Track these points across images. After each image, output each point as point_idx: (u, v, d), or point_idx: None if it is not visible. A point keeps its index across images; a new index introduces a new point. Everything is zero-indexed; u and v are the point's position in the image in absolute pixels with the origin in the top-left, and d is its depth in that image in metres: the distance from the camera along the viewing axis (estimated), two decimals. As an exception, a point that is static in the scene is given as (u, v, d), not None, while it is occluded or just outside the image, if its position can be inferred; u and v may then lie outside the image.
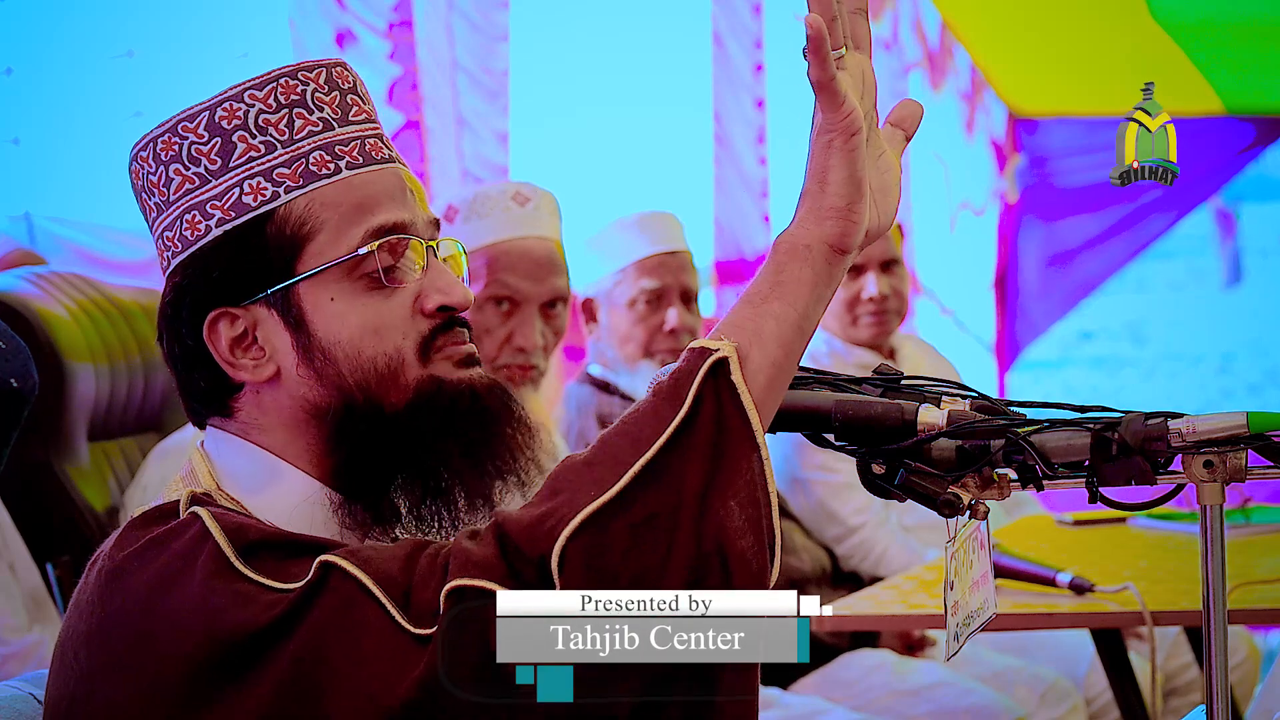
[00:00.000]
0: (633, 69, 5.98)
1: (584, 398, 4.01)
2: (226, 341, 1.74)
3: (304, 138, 1.75)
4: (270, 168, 1.73)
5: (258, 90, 1.75)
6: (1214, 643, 1.62)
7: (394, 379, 1.74)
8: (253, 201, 1.73)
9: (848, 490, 4.39)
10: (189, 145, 1.74)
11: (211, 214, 1.73)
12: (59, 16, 3.93)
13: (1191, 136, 8.21)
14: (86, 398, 3.38)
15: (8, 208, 3.83)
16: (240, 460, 1.75)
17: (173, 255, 1.76)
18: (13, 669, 3.06)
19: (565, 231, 3.63)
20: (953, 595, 1.75)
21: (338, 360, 1.73)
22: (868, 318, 4.56)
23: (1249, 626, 4.75)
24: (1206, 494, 1.63)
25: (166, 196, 1.75)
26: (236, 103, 1.75)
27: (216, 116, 1.75)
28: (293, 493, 1.74)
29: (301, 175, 1.74)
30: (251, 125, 1.74)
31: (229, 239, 1.73)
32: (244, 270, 1.73)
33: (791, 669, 3.88)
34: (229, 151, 1.74)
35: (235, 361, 1.74)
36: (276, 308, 1.73)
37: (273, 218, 1.73)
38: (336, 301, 1.74)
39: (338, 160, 1.75)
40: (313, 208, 1.74)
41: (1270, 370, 13.54)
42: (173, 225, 1.75)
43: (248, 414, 1.75)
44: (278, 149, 1.74)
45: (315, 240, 1.73)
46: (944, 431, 1.67)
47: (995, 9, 8.05)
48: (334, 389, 1.73)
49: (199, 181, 1.74)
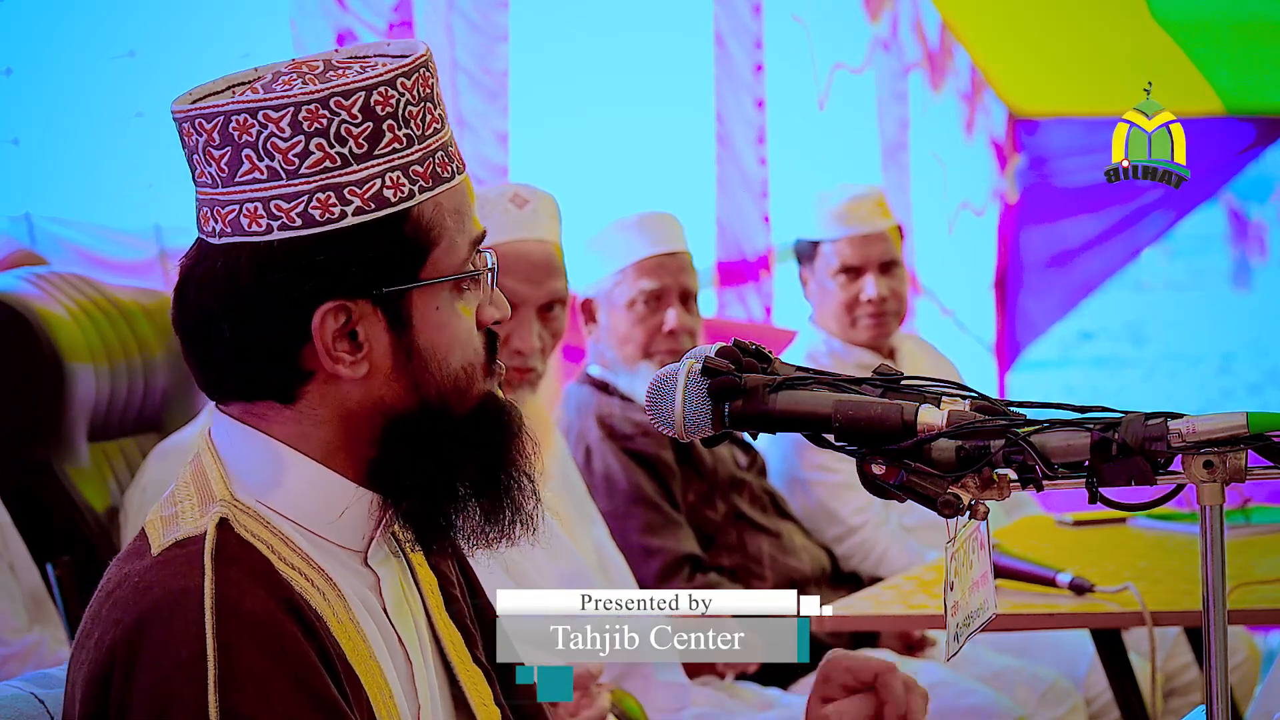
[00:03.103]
0: (633, 69, 5.98)
1: (583, 398, 4.01)
2: (332, 332, 1.70)
3: (431, 135, 1.73)
4: (408, 164, 1.70)
5: (406, 78, 1.70)
6: (1214, 643, 1.62)
7: (467, 389, 1.75)
8: (393, 197, 1.69)
9: (848, 490, 4.39)
10: (339, 122, 1.67)
11: (350, 200, 1.68)
12: (59, 16, 3.93)
13: (1191, 136, 8.19)
14: (86, 398, 3.38)
15: (8, 208, 3.83)
16: (249, 454, 1.74)
17: (280, 227, 1.68)
18: (13, 669, 3.06)
19: (565, 232, 3.63)
20: (953, 595, 1.75)
21: (430, 368, 1.73)
22: (866, 319, 4.56)
23: (1249, 626, 4.76)
24: (1206, 494, 1.62)
25: (296, 167, 1.67)
26: (390, 89, 1.69)
27: (372, 100, 1.68)
28: (309, 485, 1.73)
29: (430, 176, 1.72)
30: (400, 115, 1.70)
31: (364, 230, 1.68)
32: (372, 265, 1.69)
33: (791, 669, 3.88)
34: (377, 139, 1.68)
35: (335, 354, 1.70)
36: (385, 308, 1.71)
37: (408, 217, 1.70)
38: (440, 310, 1.73)
39: (452, 163, 1.74)
40: (438, 213, 1.72)
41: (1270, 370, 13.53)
42: (295, 198, 1.68)
43: (309, 402, 1.72)
44: (414, 144, 1.71)
45: (439, 247, 1.72)
46: (944, 432, 1.67)
47: (995, 9, 8.05)
48: (415, 392, 1.73)
49: (340, 162, 1.68)
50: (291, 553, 1.71)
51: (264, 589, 1.65)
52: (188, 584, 1.63)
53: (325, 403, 1.73)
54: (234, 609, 1.62)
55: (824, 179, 6.28)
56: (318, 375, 1.72)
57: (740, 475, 4.14)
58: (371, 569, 1.79)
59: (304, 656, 1.64)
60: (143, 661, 1.61)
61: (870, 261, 4.54)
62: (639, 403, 3.85)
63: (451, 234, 1.73)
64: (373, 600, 1.78)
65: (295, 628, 1.64)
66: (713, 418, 1.73)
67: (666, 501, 3.94)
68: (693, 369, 1.73)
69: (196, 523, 1.69)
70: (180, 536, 1.68)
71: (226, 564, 1.65)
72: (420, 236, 1.71)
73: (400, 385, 1.73)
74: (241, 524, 1.69)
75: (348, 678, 1.68)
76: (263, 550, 1.69)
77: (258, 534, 1.70)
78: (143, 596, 1.64)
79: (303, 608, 1.67)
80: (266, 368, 1.71)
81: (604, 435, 3.94)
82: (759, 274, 6.73)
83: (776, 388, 1.72)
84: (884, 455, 1.69)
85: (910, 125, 7.98)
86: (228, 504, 1.70)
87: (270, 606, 1.64)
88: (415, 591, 1.85)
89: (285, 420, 1.73)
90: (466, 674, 1.86)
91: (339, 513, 1.74)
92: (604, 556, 3.64)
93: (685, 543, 3.92)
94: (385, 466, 1.74)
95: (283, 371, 1.71)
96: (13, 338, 3.30)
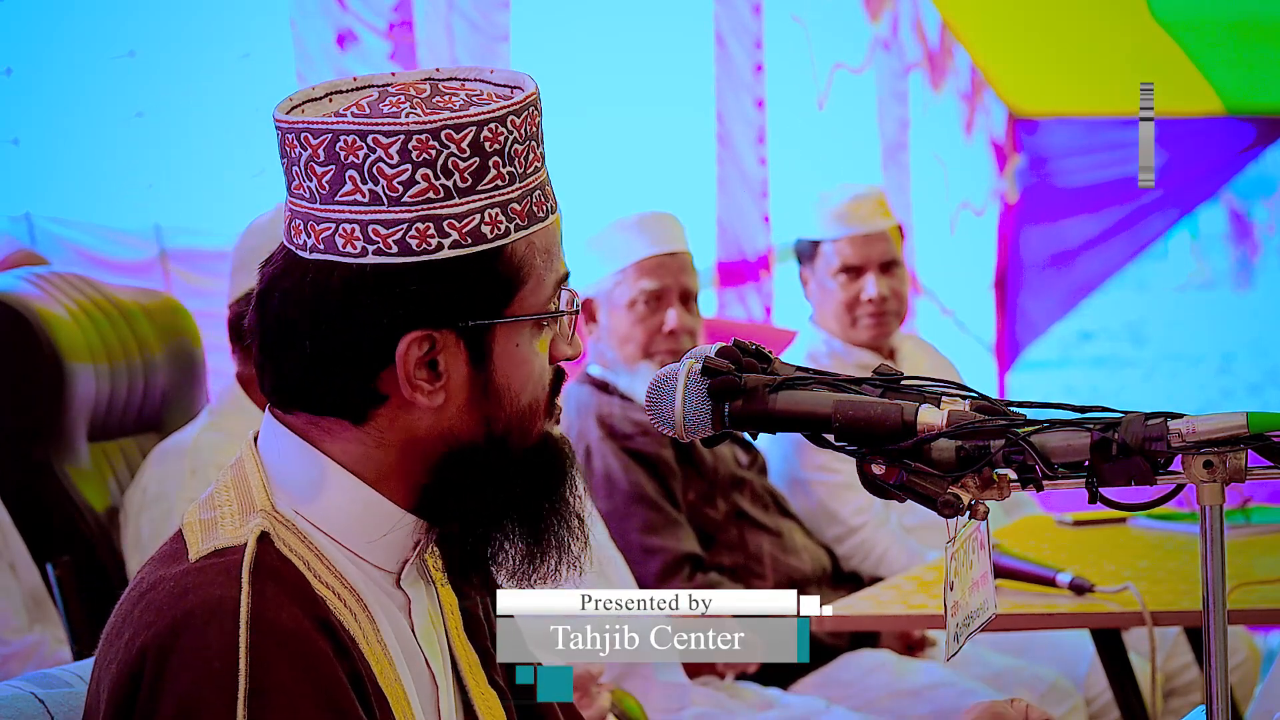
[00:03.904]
0: (633, 69, 5.98)
1: (584, 398, 4.01)
2: (415, 360, 1.70)
3: (531, 174, 1.72)
4: (507, 201, 1.70)
5: (516, 116, 1.70)
6: (1214, 643, 1.62)
7: (531, 425, 1.75)
8: (489, 234, 1.69)
9: (848, 490, 4.39)
10: (447, 156, 1.67)
11: (448, 233, 1.68)
12: (60, 17, 3.93)
13: (1191, 136, 8.21)
14: (86, 398, 3.39)
15: (8, 208, 3.83)
16: (296, 466, 1.73)
17: (375, 251, 1.67)
18: (13, 669, 3.06)
19: (565, 232, 3.62)
20: (953, 595, 1.75)
21: (502, 403, 1.73)
22: (867, 319, 4.55)
23: (1249, 626, 4.76)
24: (1206, 494, 1.62)
25: (399, 195, 1.67)
26: (501, 126, 1.69)
27: (482, 136, 1.68)
28: (349, 501, 1.73)
29: (527, 215, 1.72)
30: (506, 152, 1.69)
31: (458, 264, 1.68)
32: (463, 299, 1.70)
33: (791, 669, 3.89)
34: (482, 174, 1.68)
35: (415, 381, 1.70)
36: (468, 340, 1.71)
37: (502, 255, 1.70)
38: (520, 348, 1.73)
39: (548, 202, 1.75)
40: (530, 252, 1.72)
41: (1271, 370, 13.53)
42: (393, 226, 1.67)
43: (379, 425, 1.72)
44: (515, 182, 1.71)
45: (526, 285, 1.72)
46: (944, 432, 1.67)
47: (995, 9, 8.06)
48: (483, 426, 1.73)
49: (443, 194, 1.67)
50: (326, 571, 1.71)
51: (298, 606, 1.65)
52: (224, 594, 1.63)
53: (394, 428, 1.72)
54: (269, 624, 1.62)
55: (824, 179, 6.28)
56: (392, 400, 1.72)
57: (741, 474, 4.14)
58: (404, 590, 1.79)
59: (334, 675, 1.64)
60: (174, 668, 1.61)
61: (871, 261, 4.54)
62: (639, 402, 3.85)
63: (540, 272, 1.73)
64: (402, 622, 1.78)
65: (327, 646, 1.64)
66: (713, 418, 1.73)
67: (667, 501, 3.94)
68: (693, 369, 1.73)
69: (236, 533, 1.69)
70: (220, 545, 1.68)
71: (264, 578, 1.65)
72: (511, 274, 1.71)
73: (471, 418, 1.73)
74: (281, 538, 1.69)
75: (376, 700, 1.68)
76: (299, 566, 1.69)
77: (295, 549, 1.70)
78: (178, 602, 1.64)
79: (335, 627, 1.67)
80: (343, 386, 1.71)
81: (604, 435, 3.94)
82: (759, 274, 6.73)
83: (776, 388, 1.72)
84: (884, 455, 1.69)
85: (910, 125, 7.98)
86: (268, 515, 1.70)
87: (304, 624, 1.64)
88: (439, 613, 1.86)
89: (349, 439, 1.73)
90: (481, 696, 1.86)
91: (380, 534, 1.74)
92: (603, 557, 3.64)
93: (685, 542, 3.92)
94: (436, 494, 1.74)
95: (359, 392, 1.71)
96: (13, 338, 3.30)
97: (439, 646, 1.82)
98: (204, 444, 3.23)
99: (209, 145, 4.20)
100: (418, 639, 1.79)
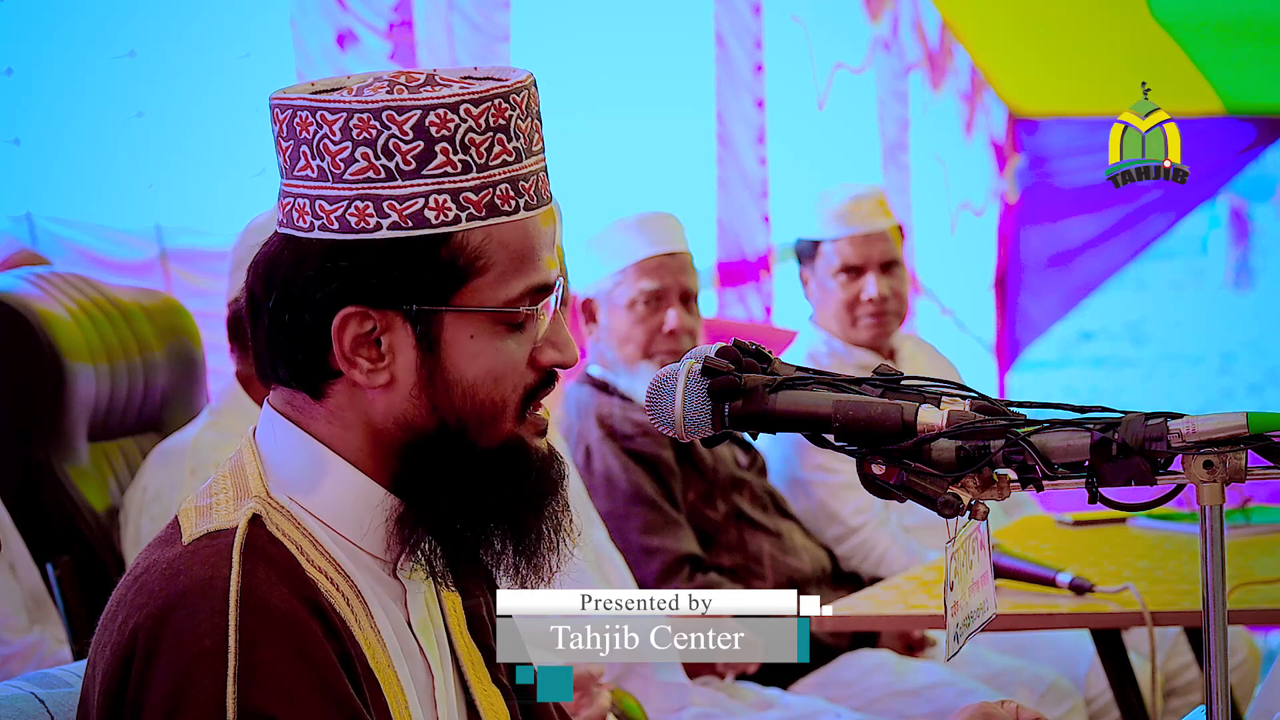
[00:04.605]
0: (633, 69, 5.98)
1: (583, 399, 4.01)
2: (352, 337, 1.71)
3: (497, 166, 1.71)
4: (459, 189, 1.70)
5: (473, 106, 1.70)
6: (1214, 643, 1.62)
7: (493, 425, 1.74)
8: (434, 219, 1.69)
9: (848, 491, 4.39)
10: (388, 136, 1.69)
11: (387, 214, 1.69)
12: (60, 17, 3.93)
13: (1191, 136, 8.20)
14: (86, 398, 3.38)
15: (9, 208, 3.83)
16: (293, 454, 1.75)
17: (321, 227, 1.70)
18: (13, 669, 3.06)
19: (566, 232, 3.63)
20: (953, 595, 1.75)
21: (454, 394, 1.73)
22: (867, 319, 4.55)
23: (1249, 626, 4.76)
24: (1206, 494, 1.62)
25: (341, 172, 1.70)
26: (451, 113, 1.69)
27: (427, 120, 1.69)
28: (346, 490, 1.74)
29: (486, 207, 1.71)
30: (457, 141, 1.69)
31: (397, 245, 1.70)
32: (402, 280, 1.70)
33: (791, 669, 3.89)
34: (427, 159, 1.69)
35: (353, 359, 1.72)
36: (415, 324, 1.71)
37: (449, 241, 1.70)
38: (475, 340, 1.73)
39: (519, 198, 1.73)
40: (489, 245, 1.71)
41: (1271, 370, 13.53)
42: (336, 202, 1.70)
43: (336, 402, 1.74)
44: (472, 171, 1.70)
45: (482, 277, 1.72)
46: (944, 432, 1.67)
47: (995, 9, 8.06)
48: (435, 416, 1.73)
49: (384, 175, 1.69)
50: (319, 554, 1.71)
51: (289, 586, 1.66)
52: (214, 575, 1.64)
53: (352, 407, 1.74)
54: (259, 604, 1.63)
55: (824, 179, 6.29)
56: (344, 378, 1.73)
57: (740, 474, 4.14)
58: (399, 580, 1.79)
59: (324, 655, 1.64)
60: (164, 648, 1.62)
61: (871, 261, 4.54)
62: (639, 403, 3.85)
63: (503, 268, 1.72)
64: (396, 611, 1.78)
65: (318, 627, 1.65)
66: (713, 418, 1.73)
67: (667, 501, 3.94)
68: (693, 369, 1.73)
69: (229, 516, 1.70)
70: (212, 528, 1.70)
71: (255, 559, 1.66)
72: (461, 263, 1.71)
73: (422, 405, 1.73)
74: (274, 521, 1.71)
75: (367, 681, 1.69)
76: (291, 549, 1.70)
77: (288, 533, 1.71)
78: (169, 584, 1.65)
79: (326, 608, 1.67)
80: (295, 358, 1.74)
81: (604, 435, 3.94)
82: (759, 274, 6.73)
83: (776, 388, 1.72)
84: (884, 455, 1.69)
85: (910, 125, 7.98)
86: (262, 500, 1.72)
87: (294, 604, 1.65)
88: (439, 608, 1.86)
89: (318, 417, 1.75)
90: (484, 694, 1.86)
91: (369, 517, 1.75)
92: (602, 558, 3.64)
93: (685, 542, 3.92)
94: (408, 480, 1.74)
95: (311, 365, 1.73)
96: (13, 338, 3.30)
97: (436, 639, 1.83)
98: (204, 444, 3.23)
99: (209, 145, 4.20)
100: (413, 630, 1.79)
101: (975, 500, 1.68)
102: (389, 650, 1.74)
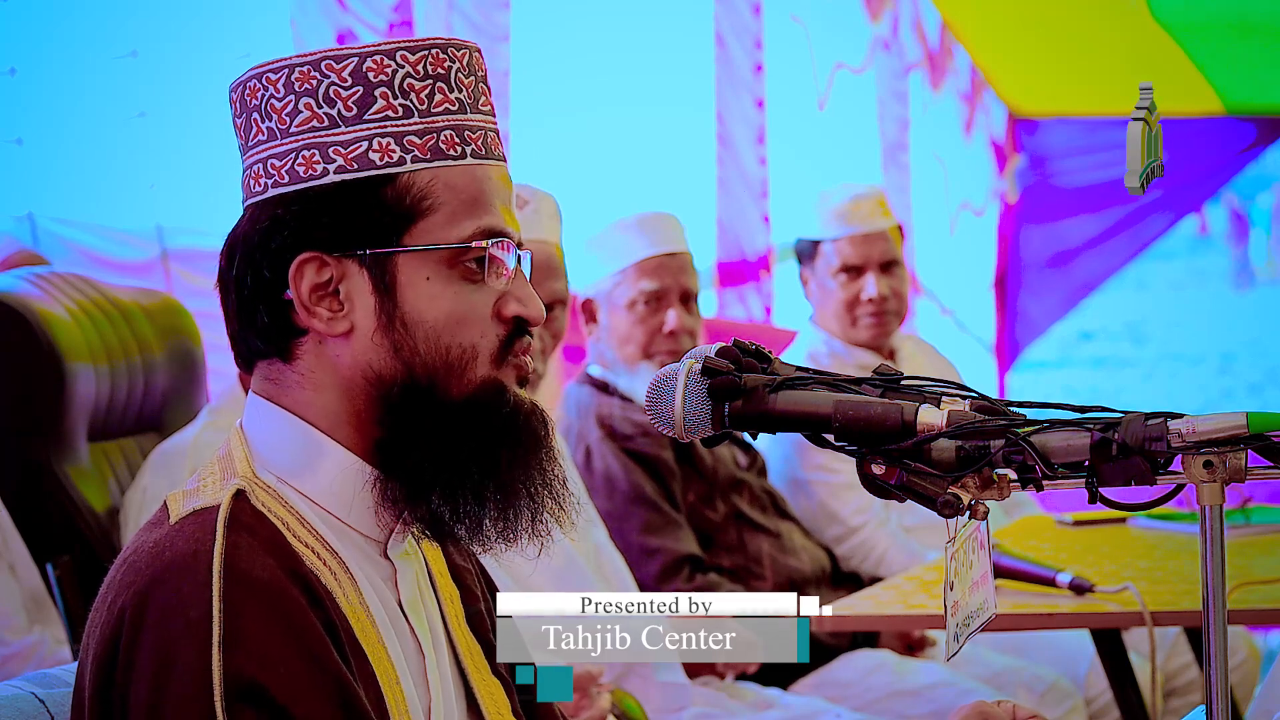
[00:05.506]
0: (633, 69, 5.98)
1: (583, 399, 4.01)
2: (309, 285, 1.74)
3: (440, 113, 1.76)
4: (402, 133, 1.74)
5: (410, 54, 1.75)
6: (1214, 643, 1.63)
7: (461, 372, 1.76)
8: (379, 160, 1.73)
9: (848, 491, 4.40)
10: (328, 85, 1.74)
11: (333, 159, 1.73)
12: (62, 17, 3.93)
13: (1191, 136, 8.21)
14: (86, 398, 3.39)
15: (11, 208, 3.83)
16: (280, 437, 1.77)
17: (273, 184, 1.75)
18: (13, 669, 3.06)
19: (566, 232, 3.63)
20: (953, 595, 1.75)
21: (416, 338, 1.75)
22: (867, 319, 4.56)
23: (1249, 626, 4.76)
24: (1206, 494, 1.63)
25: (287, 126, 1.74)
26: (388, 59, 1.75)
27: (364, 66, 1.74)
28: (332, 468, 1.76)
29: (430, 150, 1.75)
30: (396, 85, 1.74)
31: (345, 189, 1.73)
32: (352, 224, 1.74)
33: (791, 669, 3.89)
34: (367, 104, 1.74)
35: (312, 308, 1.74)
36: (370, 269, 1.74)
37: (394, 182, 1.74)
38: (432, 282, 1.75)
39: (465, 145, 1.77)
40: (435, 185, 1.75)
41: (1270, 370, 13.54)
42: (284, 156, 1.74)
43: (306, 362, 1.76)
44: (414, 116, 1.74)
45: (431, 217, 1.75)
46: (944, 432, 1.67)
47: (995, 9, 8.06)
48: (402, 364, 1.75)
49: (328, 123, 1.74)
50: (305, 531, 1.73)
51: (273, 558, 1.68)
52: (199, 549, 1.66)
53: (321, 365, 1.76)
54: (242, 573, 1.65)
55: (824, 179, 6.28)
56: (310, 334, 1.76)
57: (740, 475, 4.14)
58: (390, 560, 1.80)
59: (309, 624, 1.66)
60: (149, 621, 1.64)
61: (871, 261, 4.54)
62: (639, 403, 3.85)
63: (451, 210, 1.75)
64: (386, 590, 1.79)
65: (302, 597, 1.67)
66: (713, 418, 1.73)
67: (666, 501, 3.94)
68: (692, 369, 1.73)
69: (215, 494, 1.73)
70: (198, 506, 1.72)
71: (238, 531, 1.68)
72: (406, 203, 1.74)
73: (385, 350, 1.75)
74: (259, 498, 1.72)
75: (353, 651, 1.70)
76: (276, 524, 1.71)
77: (273, 509, 1.72)
78: (155, 560, 1.67)
79: (310, 580, 1.69)
80: (261, 320, 1.76)
81: (604, 435, 3.95)
82: (759, 274, 6.73)
83: (776, 388, 1.72)
84: (884, 455, 1.69)
85: (910, 125, 7.98)
86: (248, 479, 1.74)
87: (278, 574, 1.66)
88: (433, 596, 1.86)
89: (291, 384, 1.77)
90: (483, 683, 1.87)
91: (357, 495, 1.76)
92: (602, 559, 3.64)
93: (685, 543, 3.92)
94: (391, 447, 1.75)
95: (275, 325, 1.76)
96: (13, 338, 3.30)
97: (428, 621, 1.83)
98: (204, 444, 3.23)
99: (211, 145, 4.20)
100: (404, 609, 1.80)
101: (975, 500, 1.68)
102: (378, 626, 1.75)
